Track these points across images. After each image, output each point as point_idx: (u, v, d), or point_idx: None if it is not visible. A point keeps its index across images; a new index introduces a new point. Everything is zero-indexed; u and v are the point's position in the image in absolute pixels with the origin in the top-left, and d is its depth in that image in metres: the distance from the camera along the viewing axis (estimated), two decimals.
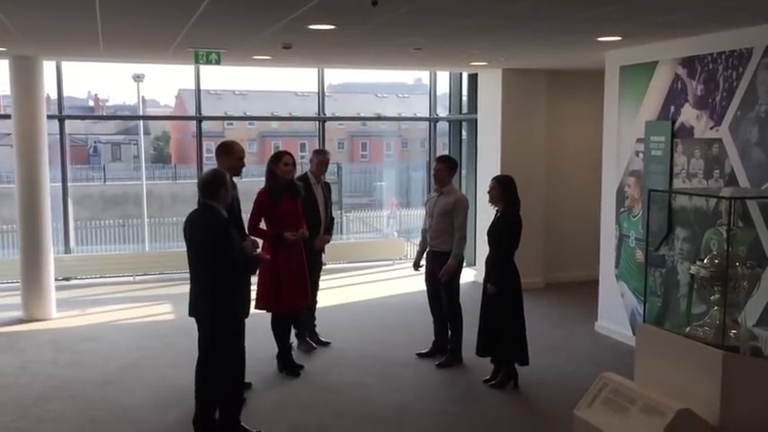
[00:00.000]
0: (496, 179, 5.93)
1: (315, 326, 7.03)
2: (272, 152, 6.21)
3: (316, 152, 6.99)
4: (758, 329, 4.69)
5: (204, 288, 4.75)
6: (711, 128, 6.14)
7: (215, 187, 4.74)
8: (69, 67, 10.57)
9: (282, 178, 5.99)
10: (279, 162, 6.01)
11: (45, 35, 6.52)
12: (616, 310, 7.38)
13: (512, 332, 5.79)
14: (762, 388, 3.32)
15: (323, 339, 7.01)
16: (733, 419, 3.22)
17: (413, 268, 6.78)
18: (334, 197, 7.33)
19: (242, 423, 4.93)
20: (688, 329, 3.74)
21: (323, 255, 7.10)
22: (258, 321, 6.50)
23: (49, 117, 8.77)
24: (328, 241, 6.93)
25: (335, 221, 7.73)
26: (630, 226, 7.20)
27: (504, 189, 5.81)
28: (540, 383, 6.01)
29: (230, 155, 5.51)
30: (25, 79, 7.95)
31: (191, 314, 4.84)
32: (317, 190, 6.74)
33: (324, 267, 7.26)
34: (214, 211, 4.69)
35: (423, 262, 6.64)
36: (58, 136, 9.86)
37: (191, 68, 10.06)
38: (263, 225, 6.05)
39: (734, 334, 3.60)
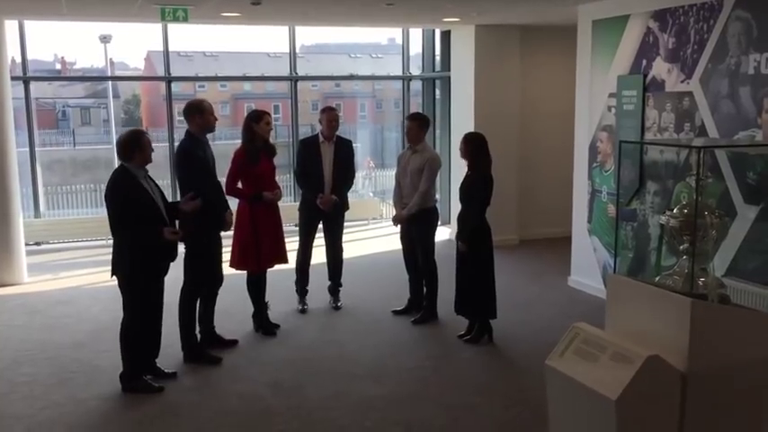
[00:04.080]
0: (465, 137, 5.91)
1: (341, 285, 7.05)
2: (248, 112, 6.12)
3: (323, 110, 6.77)
4: (727, 279, 4.77)
5: (115, 246, 4.96)
6: (682, 81, 6.16)
7: (129, 148, 4.81)
8: (33, 29, 10.31)
9: (260, 137, 5.95)
10: (260, 121, 5.97)
11: None
12: (588, 265, 7.46)
13: (483, 287, 5.84)
14: (729, 335, 3.37)
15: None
16: (701, 366, 3.26)
17: (393, 223, 6.76)
18: None
19: (146, 378, 5.12)
20: (658, 279, 3.78)
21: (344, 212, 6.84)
22: (234, 282, 6.49)
23: (13, 79, 8.55)
24: (334, 201, 6.57)
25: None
26: (602, 181, 7.25)
27: (472, 147, 5.79)
28: (514, 337, 6.09)
29: (203, 112, 5.49)
30: None
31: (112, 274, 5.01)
32: (324, 149, 6.63)
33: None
34: (122, 173, 4.81)
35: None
36: (24, 100, 9.63)
37: (159, 29, 9.84)
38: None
39: (702, 282, 3.64)
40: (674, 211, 3.75)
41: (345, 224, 7.02)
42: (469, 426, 4.57)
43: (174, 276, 5.28)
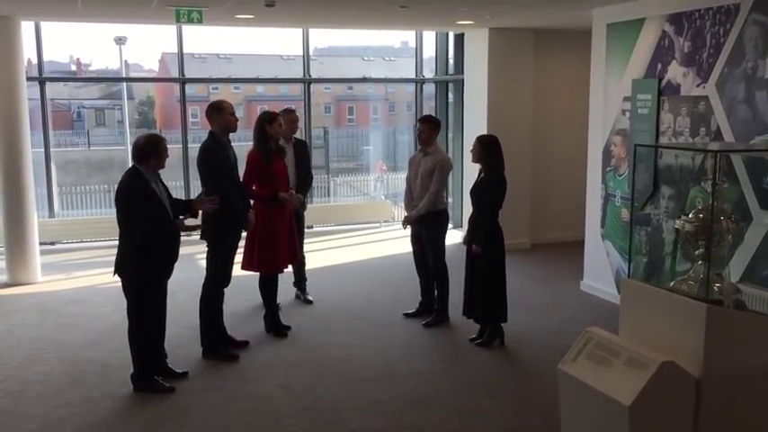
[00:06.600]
0: (477, 139, 5.90)
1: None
2: (260, 113, 6.15)
3: (284, 112, 6.89)
4: (742, 285, 4.72)
5: (122, 247, 4.90)
6: (698, 85, 6.11)
7: (146, 153, 4.82)
8: (49, 30, 10.39)
9: (273, 138, 5.98)
10: (274, 122, 5.99)
11: None
12: (601, 270, 7.42)
13: (495, 291, 5.81)
14: (744, 341, 3.34)
15: (309, 298, 7.10)
16: (715, 371, 3.24)
17: (402, 225, 6.74)
18: (321, 161, 7.27)
19: (156, 377, 5.12)
20: (672, 284, 3.74)
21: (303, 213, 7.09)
22: (245, 282, 6.50)
23: (29, 79, 8.61)
24: (300, 200, 6.68)
25: (313, 182, 7.53)
26: (616, 185, 7.20)
27: (485, 149, 5.77)
28: (526, 341, 6.06)
29: (221, 112, 5.54)
30: (3, 40, 7.76)
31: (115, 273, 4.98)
32: (286, 150, 6.69)
33: (312, 229, 7.22)
34: (135, 177, 4.80)
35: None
36: (39, 100, 9.70)
37: (173, 31, 9.88)
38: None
39: (718, 288, 3.61)
40: (690, 215, 3.71)
41: (358, 226, 7.04)
42: (480, 430, 4.54)
43: (183, 278, 5.29)
